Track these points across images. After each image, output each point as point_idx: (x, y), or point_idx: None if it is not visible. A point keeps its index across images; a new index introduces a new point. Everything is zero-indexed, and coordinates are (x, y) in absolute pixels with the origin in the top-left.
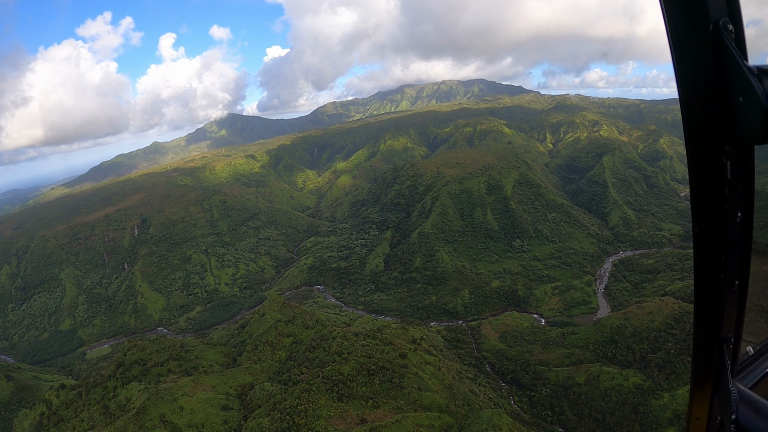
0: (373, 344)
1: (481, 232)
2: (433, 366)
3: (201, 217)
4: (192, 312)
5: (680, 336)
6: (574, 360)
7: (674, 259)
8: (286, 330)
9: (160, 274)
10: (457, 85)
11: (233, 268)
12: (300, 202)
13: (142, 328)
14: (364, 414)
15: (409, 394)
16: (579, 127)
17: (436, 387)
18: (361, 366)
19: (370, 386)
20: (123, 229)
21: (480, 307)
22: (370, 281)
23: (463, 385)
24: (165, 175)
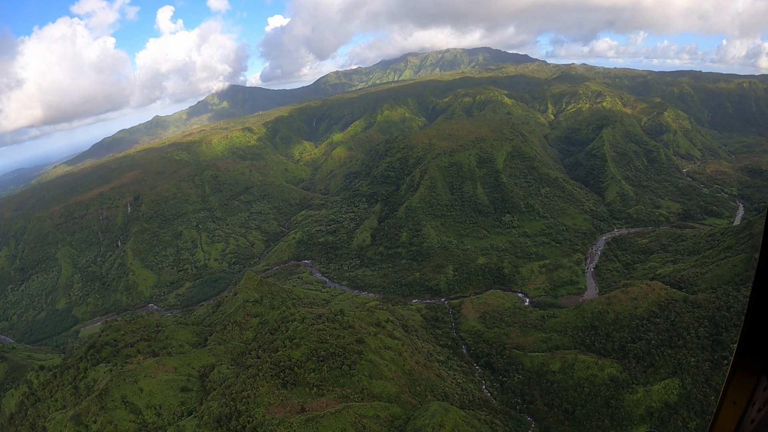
0: (330, 328)
1: (470, 207)
2: (393, 351)
3: (192, 193)
4: (181, 288)
5: (663, 326)
6: (551, 345)
7: (669, 239)
8: (254, 310)
9: (152, 251)
10: (461, 54)
11: (223, 244)
12: (295, 175)
13: (134, 305)
14: (307, 402)
15: (358, 382)
16: (581, 97)
17: (393, 374)
18: (312, 352)
19: (319, 373)
20: (116, 207)
21: (464, 284)
22: (356, 256)
23: (429, 369)
24: (161, 151)
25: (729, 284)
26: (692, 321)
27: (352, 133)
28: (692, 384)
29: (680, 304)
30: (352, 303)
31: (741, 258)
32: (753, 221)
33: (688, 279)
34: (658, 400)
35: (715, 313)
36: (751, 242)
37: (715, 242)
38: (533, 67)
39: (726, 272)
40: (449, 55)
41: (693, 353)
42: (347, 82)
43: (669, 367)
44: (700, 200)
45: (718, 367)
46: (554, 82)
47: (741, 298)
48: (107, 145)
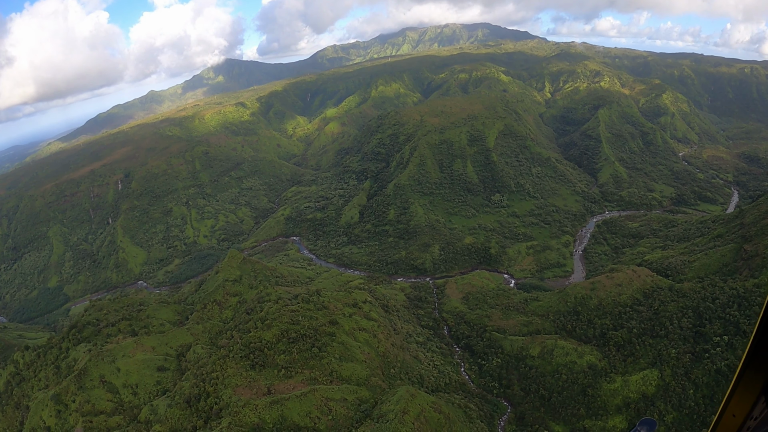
0: (303, 309)
1: (459, 185)
2: (368, 333)
3: (183, 169)
4: (170, 265)
5: (646, 314)
6: (532, 329)
7: (660, 224)
8: (233, 289)
9: (141, 228)
10: (460, 29)
11: (213, 220)
12: (287, 150)
13: (123, 282)
14: (274, 384)
15: (328, 365)
16: (579, 76)
17: (366, 356)
18: (283, 333)
19: (289, 355)
20: (107, 185)
21: (449, 264)
22: (344, 233)
23: (405, 351)
24: (154, 126)
25: (716, 274)
26: (676, 311)
27: (345, 109)
28: (671, 376)
29: (665, 293)
30: (335, 281)
31: (730, 248)
32: (745, 210)
33: (675, 266)
34: (635, 391)
35: (699, 303)
36: (741, 232)
37: (705, 230)
38: (532, 44)
39: (714, 262)
40: (448, 30)
41: (674, 344)
42: (345, 56)
43: (649, 357)
44: (695, 185)
45: (698, 359)
46: (553, 60)
47: (727, 289)
48: (102, 120)
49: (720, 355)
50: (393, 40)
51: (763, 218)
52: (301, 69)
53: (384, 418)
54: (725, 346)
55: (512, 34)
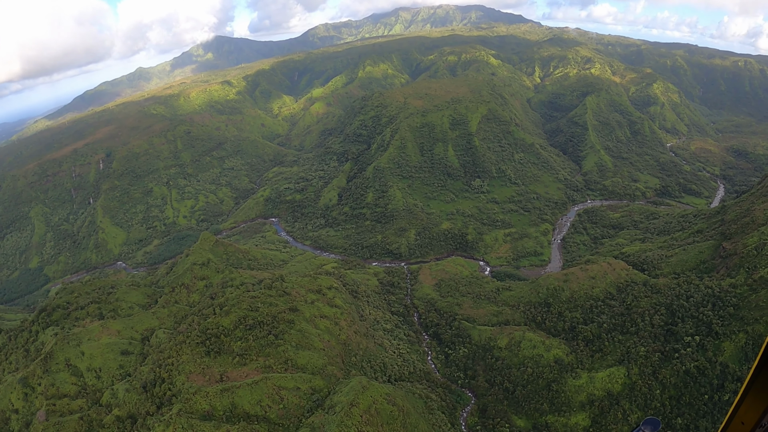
0: (264, 295)
1: (439, 169)
2: (330, 320)
3: (165, 149)
4: (150, 246)
5: (618, 309)
6: (502, 320)
7: (641, 215)
8: (201, 273)
9: (122, 209)
10: (454, 10)
11: (193, 200)
12: (271, 130)
13: (103, 263)
14: (227, 372)
15: (283, 353)
16: (570, 62)
17: (325, 344)
18: (241, 320)
19: (245, 342)
20: (89, 164)
21: (425, 249)
22: (322, 215)
23: (370, 339)
24: (139, 105)
25: (693, 271)
26: (649, 307)
27: (332, 89)
28: (638, 375)
29: (639, 288)
30: (308, 265)
31: (709, 245)
32: (727, 206)
33: (652, 261)
34: (600, 388)
35: (673, 301)
36: (721, 229)
37: (686, 224)
38: (525, 28)
39: (692, 258)
40: (441, 11)
41: (644, 342)
42: (336, 35)
43: (617, 354)
44: (680, 177)
45: (668, 359)
46: (544, 44)
47: (702, 287)
48: (89, 98)
49: (690, 356)
50: (385, 19)
51: (744, 216)
52: (292, 47)
53: (332, 410)
54: (696, 347)
55: (506, 17)
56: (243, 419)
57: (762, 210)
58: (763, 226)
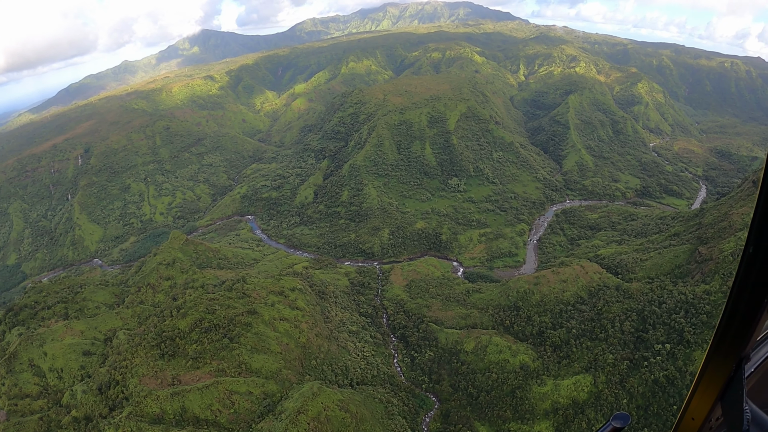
0: (223, 297)
1: (416, 168)
2: (290, 322)
3: (143, 145)
4: (126, 243)
5: (588, 314)
6: (470, 322)
7: (620, 216)
8: (166, 273)
9: (99, 205)
10: (442, 7)
11: (170, 197)
12: (253, 126)
13: (79, 260)
14: (180, 375)
15: (238, 356)
16: (555, 60)
17: (283, 347)
18: (198, 322)
19: (200, 345)
20: (68, 160)
21: (398, 249)
22: (297, 213)
23: (333, 341)
24: (121, 99)
25: (668, 276)
26: (620, 312)
27: (314, 84)
28: (605, 384)
29: (611, 292)
30: (278, 264)
31: (684, 249)
32: (706, 209)
33: (626, 264)
34: (566, 396)
35: (645, 306)
36: (698, 233)
37: (664, 226)
38: (512, 25)
39: (666, 262)
40: (429, 7)
41: (613, 349)
42: (323, 30)
43: (584, 361)
44: (662, 178)
45: (636, 367)
46: (530, 42)
47: (676, 293)
48: (74, 91)
49: (659, 365)
50: (373, 15)
51: (722, 220)
52: (279, 42)
53: (280, 417)
54: (666, 356)
55: (494, 14)
56: (192, 423)
57: (740, 214)
58: (740, 231)
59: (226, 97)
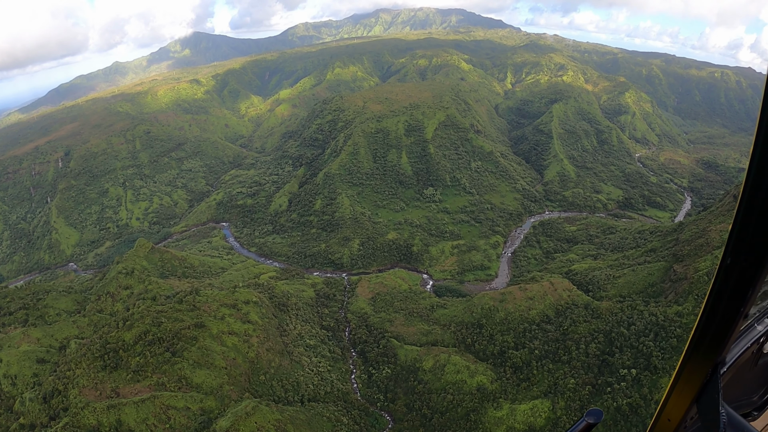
0: (171, 310)
1: (391, 177)
2: (239, 337)
3: (123, 149)
4: (101, 248)
5: (553, 335)
6: (431, 339)
7: (598, 229)
8: (125, 282)
9: (77, 209)
10: (434, 14)
11: (147, 202)
12: (235, 131)
13: (55, 263)
14: (120, 387)
15: (180, 370)
16: (543, 69)
17: (229, 362)
18: (143, 334)
19: (143, 357)
20: (48, 162)
21: (368, 260)
22: (270, 222)
23: (286, 356)
24: (107, 102)
25: (640, 294)
26: (586, 333)
27: (299, 90)
28: (564, 410)
29: (579, 311)
30: (245, 274)
31: (659, 266)
32: (685, 224)
33: (598, 281)
34: (522, 422)
35: (613, 328)
36: (675, 249)
37: (641, 241)
38: (503, 33)
39: (640, 280)
40: (422, 14)
41: (576, 373)
42: (315, 34)
43: (545, 385)
44: (645, 189)
45: (599, 393)
46: (519, 50)
47: (647, 314)
48: (64, 91)
49: (623, 392)
50: (365, 20)
51: (699, 236)
52: (271, 45)
53: None
54: (631, 381)
55: (486, 22)
56: None
57: (718, 231)
58: (717, 250)
59: (211, 101)
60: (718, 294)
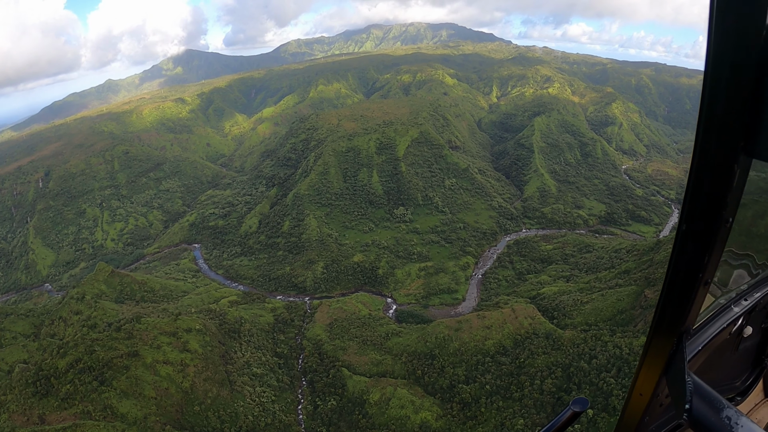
0: (107, 338)
1: (361, 197)
2: (174, 366)
3: (101, 169)
4: (76, 269)
5: (508, 367)
6: (382, 370)
7: (575, 248)
8: (76, 307)
9: (54, 229)
10: (425, 29)
11: (123, 223)
12: (217, 150)
13: (32, 284)
14: (47, 415)
15: (107, 399)
16: (529, 81)
17: (160, 392)
18: (75, 362)
19: (73, 385)
20: (29, 182)
21: (332, 283)
22: (239, 243)
23: (226, 386)
24: (93, 121)
25: (607, 322)
26: (543, 367)
27: (282, 108)
28: None
29: (539, 342)
30: (205, 298)
31: (629, 291)
32: (663, 242)
33: (565, 307)
34: None
35: (573, 361)
36: (648, 271)
37: (617, 261)
38: (492, 46)
39: (608, 306)
40: (413, 29)
41: (526, 412)
42: (308, 51)
43: (491, 424)
44: (629, 202)
45: None
46: (506, 63)
47: (611, 347)
48: (57, 109)
49: None
50: (357, 36)
51: None
52: (263, 62)
53: None
54: (586, 424)
55: (476, 36)
56: None
57: None
58: None
59: (195, 120)
60: (677, 262)
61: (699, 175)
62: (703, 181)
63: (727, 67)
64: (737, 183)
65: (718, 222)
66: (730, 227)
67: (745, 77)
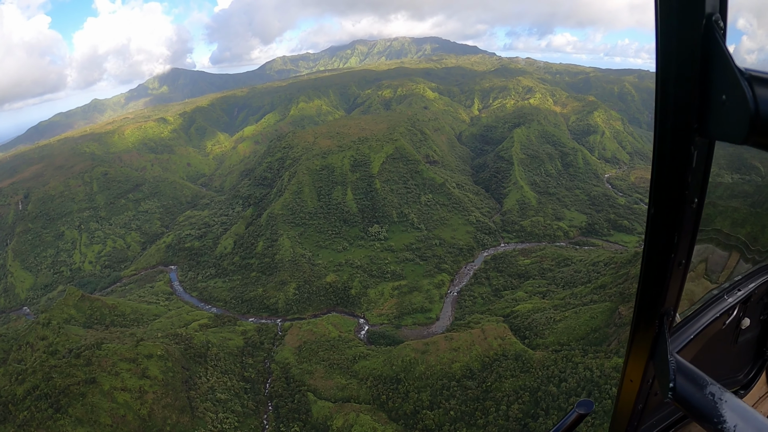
0: (66, 365)
1: (336, 215)
2: (131, 393)
3: (80, 191)
4: (54, 292)
5: (474, 392)
6: (347, 394)
7: (553, 262)
8: (42, 332)
9: (33, 252)
10: (409, 43)
11: (101, 245)
12: (197, 170)
13: (9, 307)
14: None
15: (62, 427)
16: (510, 92)
17: (117, 419)
18: (33, 389)
19: (30, 412)
20: (9, 205)
21: (304, 304)
22: (214, 265)
23: (186, 412)
24: (74, 141)
25: (580, 342)
26: (511, 391)
27: (263, 126)
28: None
29: (508, 364)
30: (176, 322)
31: (603, 308)
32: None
33: (538, 325)
34: None
35: (541, 385)
36: (623, 286)
37: (594, 275)
38: (475, 59)
39: (581, 325)
40: (397, 44)
41: None
42: (293, 68)
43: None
44: (611, 212)
45: None
46: (488, 75)
47: (581, 369)
48: (42, 129)
49: None
50: (342, 52)
51: None
52: (249, 80)
53: None
54: None
55: (460, 49)
56: None
57: None
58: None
59: (177, 139)
60: (650, 245)
61: (660, 159)
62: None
63: (674, 51)
64: (697, 164)
65: (683, 203)
66: (699, 208)
67: (691, 58)
